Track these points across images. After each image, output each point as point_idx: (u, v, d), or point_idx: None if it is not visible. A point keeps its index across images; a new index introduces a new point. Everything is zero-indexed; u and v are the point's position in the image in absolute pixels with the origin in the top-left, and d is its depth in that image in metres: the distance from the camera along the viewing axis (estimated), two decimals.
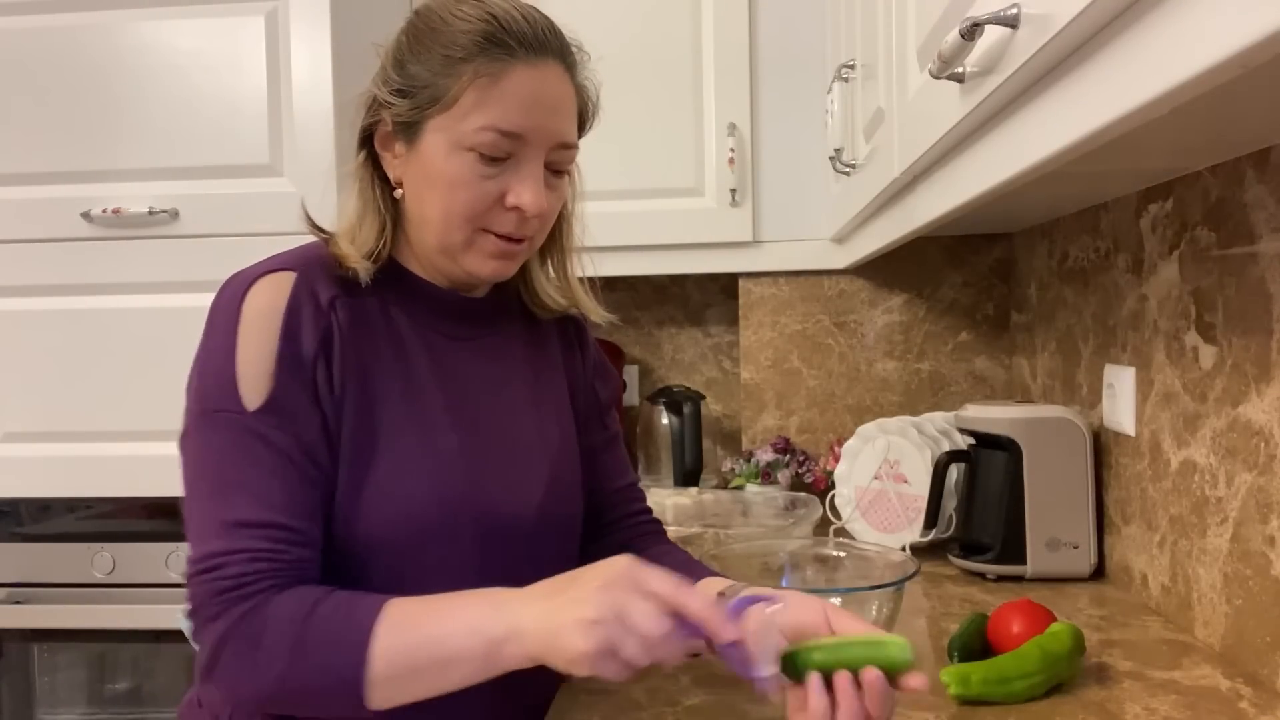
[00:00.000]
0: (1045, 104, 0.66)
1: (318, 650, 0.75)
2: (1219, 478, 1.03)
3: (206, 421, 0.81)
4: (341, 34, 1.62)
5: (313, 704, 0.77)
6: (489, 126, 0.83)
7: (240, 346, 0.81)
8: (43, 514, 1.70)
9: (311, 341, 0.83)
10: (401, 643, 0.74)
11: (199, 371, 0.83)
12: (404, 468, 0.86)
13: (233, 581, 0.76)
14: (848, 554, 1.12)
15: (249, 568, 0.77)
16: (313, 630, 0.75)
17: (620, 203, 1.82)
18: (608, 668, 0.69)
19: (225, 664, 0.76)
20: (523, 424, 0.97)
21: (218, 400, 0.81)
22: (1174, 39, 0.48)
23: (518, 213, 0.87)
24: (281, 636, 0.75)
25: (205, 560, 0.78)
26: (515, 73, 0.84)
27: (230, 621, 0.76)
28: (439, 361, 0.92)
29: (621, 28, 1.84)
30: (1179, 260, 1.12)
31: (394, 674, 0.74)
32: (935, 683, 0.96)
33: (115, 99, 1.63)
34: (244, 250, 1.62)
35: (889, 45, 1.10)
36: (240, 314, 0.82)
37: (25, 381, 1.67)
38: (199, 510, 0.80)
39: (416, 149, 0.86)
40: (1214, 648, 1.05)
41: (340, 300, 0.86)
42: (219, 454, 0.80)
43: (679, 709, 0.94)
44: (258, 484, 0.79)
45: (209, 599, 0.77)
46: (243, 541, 0.77)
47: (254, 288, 0.83)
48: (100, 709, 1.73)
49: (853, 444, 1.64)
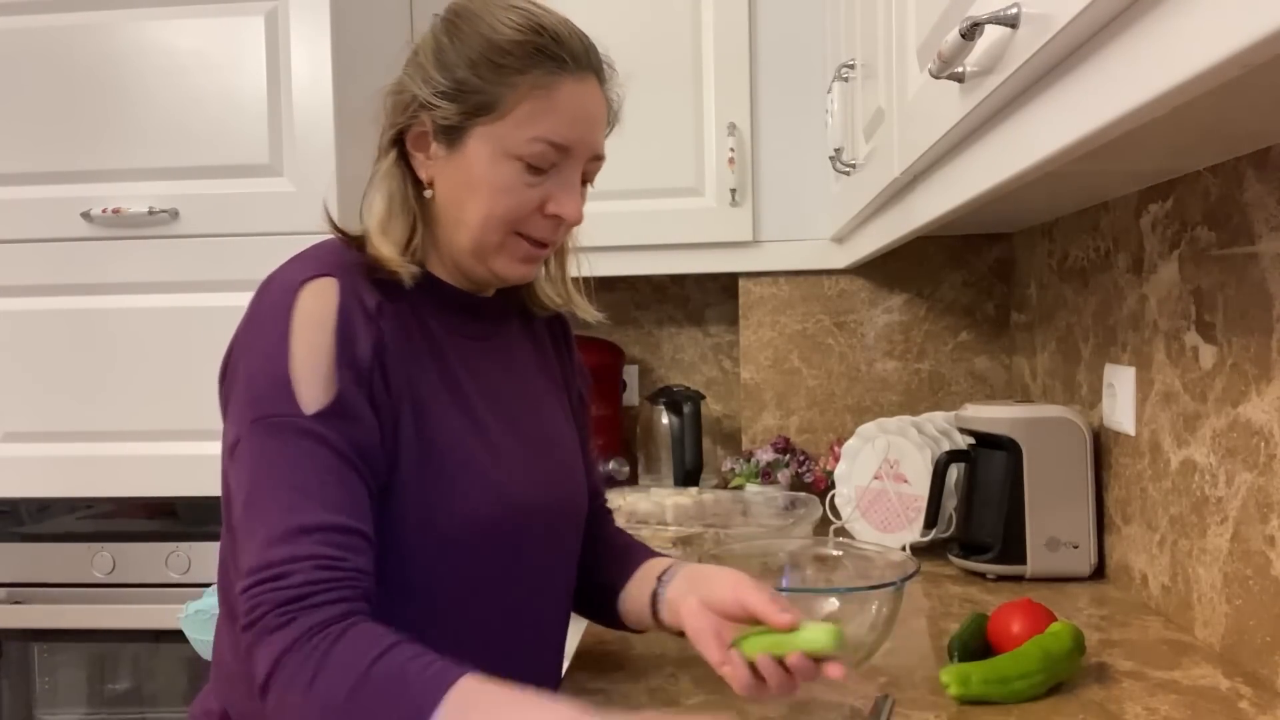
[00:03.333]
0: (1045, 104, 0.66)
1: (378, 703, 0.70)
2: (1219, 478, 1.03)
3: (262, 427, 0.79)
4: (341, 34, 1.62)
5: None
6: (541, 138, 0.85)
7: (294, 350, 0.79)
8: (43, 514, 1.70)
9: (366, 350, 0.82)
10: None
11: (248, 377, 0.81)
12: (466, 468, 0.87)
13: (298, 591, 0.74)
14: (848, 554, 1.12)
15: (314, 575, 0.74)
16: (378, 679, 0.71)
17: (620, 202, 1.82)
18: None
19: (282, 679, 0.72)
20: (546, 419, 1.00)
21: (274, 405, 0.79)
22: (1174, 39, 0.48)
23: (555, 220, 0.89)
24: (348, 668, 0.71)
25: (268, 568, 0.75)
26: (566, 87, 0.86)
27: (296, 634, 0.73)
28: (467, 363, 0.92)
29: (622, 28, 1.84)
30: (1179, 260, 1.12)
31: None
32: (935, 683, 0.96)
33: (115, 99, 1.63)
34: (244, 250, 1.65)
35: (889, 45, 1.10)
36: (292, 318, 0.80)
37: (25, 381, 1.67)
38: (259, 517, 0.77)
39: (459, 153, 0.87)
40: (1214, 648, 1.05)
41: (384, 307, 0.85)
42: (278, 459, 0.78)
43: (679, 709, 0.94)
44: (319, 487, 0.77)
45: (273, 609, 0.73)
46: (307, 548, 0.75)
47: (304, 292, 0.82)
48: (100, 709, 1.73)
49: (853, 444, 1.64)
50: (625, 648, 1.12)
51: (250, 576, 0.75)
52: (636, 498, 1.59)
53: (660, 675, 1.03)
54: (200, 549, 1.64)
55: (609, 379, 2.09)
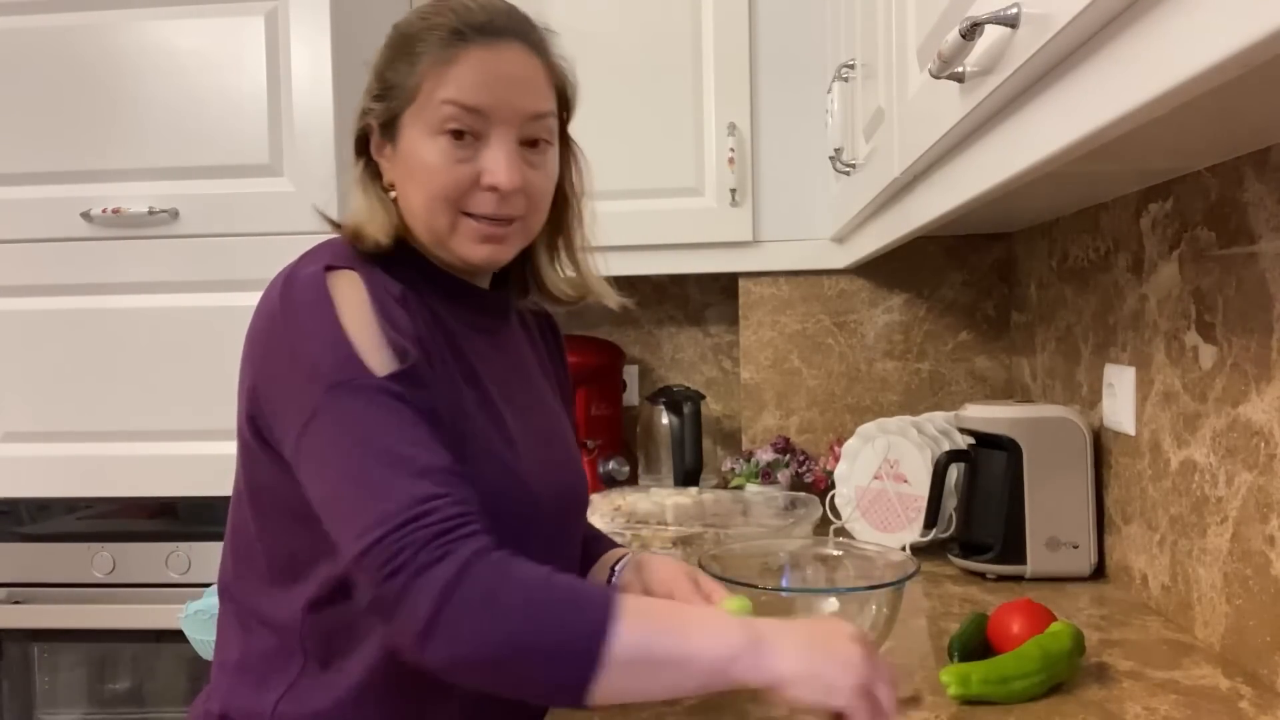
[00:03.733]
0: (1045, 104, 0.66)
1: (565, 611, 0.71)
2: (1219, 477, 1.03)
3: (340, 392, 0.77)
4: (341, 34, 1.62)
5: (532, 675, 0.71)
6: (449, 100, 0.86)
7: (347, 324, 0.80)
8: (43, 514, 1.70)
9: (407, 331, 0.82)
10: (646, 628, 0.71)
11: (309, 358, 0.79)
12: (491, 456, 0.88)
13: (446, 524, 0.72)
14: (848, 554, 1.12)
15: (455, 510, 0.73)
16: (557, 591, 0.72)
17: (620, 202, 1.82)
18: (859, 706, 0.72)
19: (454, 611, 0.70)
20: (549, 413, 1.02)
21: (344, 372, 0.78)
22: (1174, 39, 0.48)
23: (494, 192, 0.88)
24: (523, 589, 0.71)
25: (410, 508, 0.72)
26: (470, 54, 0.87)
27: (459, 564, 0.70)
28: (480, 356, 0.94)
29: (622, 28, 1.84)
30: (1179, 260, 1.12)
31: (635, 657, 0.70)
32: (935, 683, 0.96)
33: (115, 99, 1.63)
34: (244, 250, 1.65)
35: (889, 45, 1.10)
36: (332, 299, 0.81)
37: (25, 381, 1.67)
38: (368, 474, 0.75)
39: (399, 146, 0.90)
40: (1214, 647, 1.05)
41: (407, 295, 0.86)
42: (371, 422, 0.76)
43: (679, 709, 0.94)
44: (419, 436, 0.77)
45: (424, 545, 0.71)
46: (435, 488, 0.74)
47: (332, 279, 0.82)
48: (100, 709, 1.73)
49: (853, 444, 1.64)
50: None
51: (380, 527, 0.72)
52: (636, 498, 1.59)
53: None
54: (200, 549, 1.64)
55: (609, 379, 2.09)
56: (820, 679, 0.72)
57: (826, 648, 0.73)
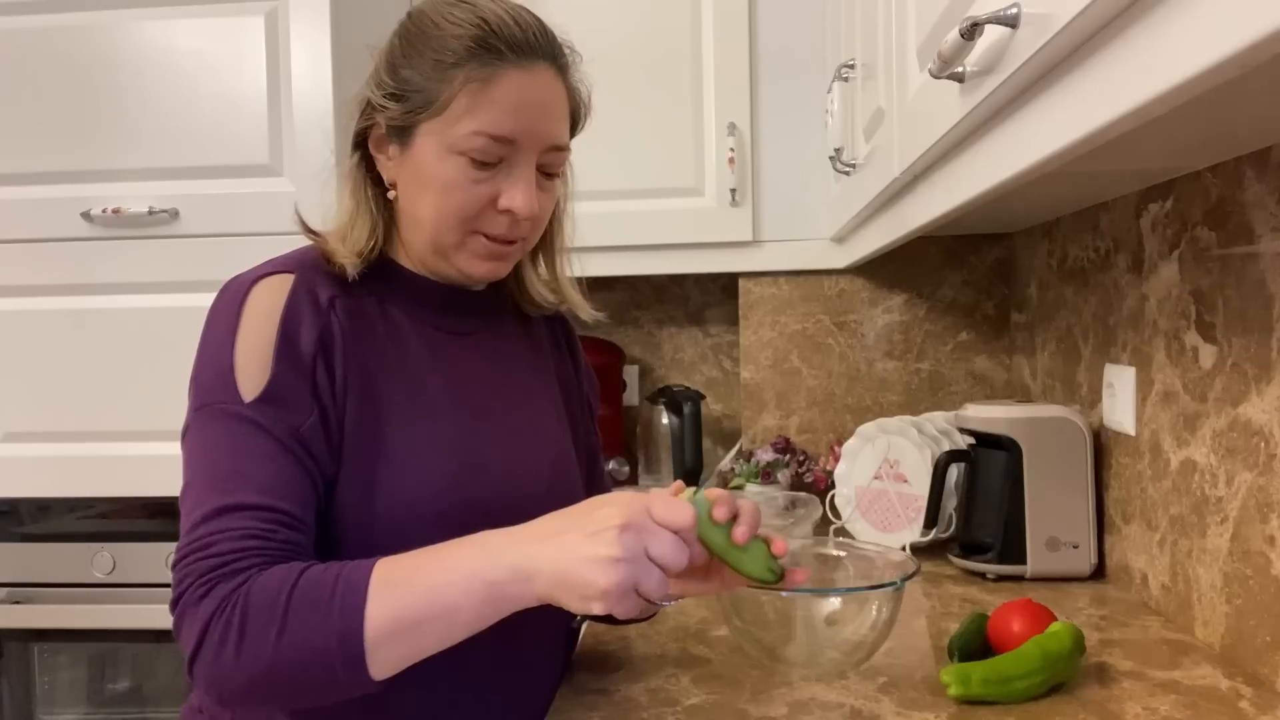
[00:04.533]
0: (1045, 104, 0.66)
1: (309, 616, 0.71)
2: (1219, 477, 1.03)
3: (204, 414, 0.81)
4: (341, 34, 1.61)
5: (306, 685, 0.73)
6: (480, 131, 0.84)
7: (239, 342, 0.82)
8: (43, 514, 1.70)
9: (310, 339, 0.83)
10: (399, 597, 0.72)
11: (198, 370, 0.84)
12: (413, 456, 0.87)
13: (220, 559, 0.74)
14: (848, 554, 1.12)
15: (238, 544, 0.75)
16: (300, 597, 0.72)
17: (620, 203, 1.82)
18: (625, 604, 0.71)
19: (209, 648, 0.72)
20: (524, 413, 0.99)
21: (215, 394, 0.81)
22: (1174, 39, 0.48)
23: (509, 215, 0.88)
24: (269, 608, 0.72)
25: (195, 542, 0.76)
26: (506, 77, 0.85)
27: (216, 601, 0.73)
28: (438, 354, 0.93)
29: (621, 28, 1.84)
30: (1179, 260, 1.12)
31: (396, 630, 0.72)
32: (935, 683, 0.96)
33: (115, 99, 1.63)
34: (244, 250, 1.63)
35: (889, 45, 1.10)
36: (240, 314, 0.83)
37: (25, 381, 1.67)
38: (193, 498, 0.79)
39: (409, 152, 0.88)
40: (1214, 648, 1.05)
41: (339, 300, 0.87)
42: (216, 444, 0.80)
43: (679, 709, 0.94)
44: (253, 470, 0.78)
45: (196, 579, 0.74)
46: (233, 522, 0.76)
47: (253, 290, 0.84)
48: (100, 709, 1.73)
49: (853, 444, 1.64)
50: (625, 647, 1.12)
51: (177, 553, 0.76)
52: None
53: (660, 675, 1.03)
54: None
55: (609, 379, 2.09)
56: (572, 588, 0.71)
57: (579, 550, 0.71)
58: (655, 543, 0.72)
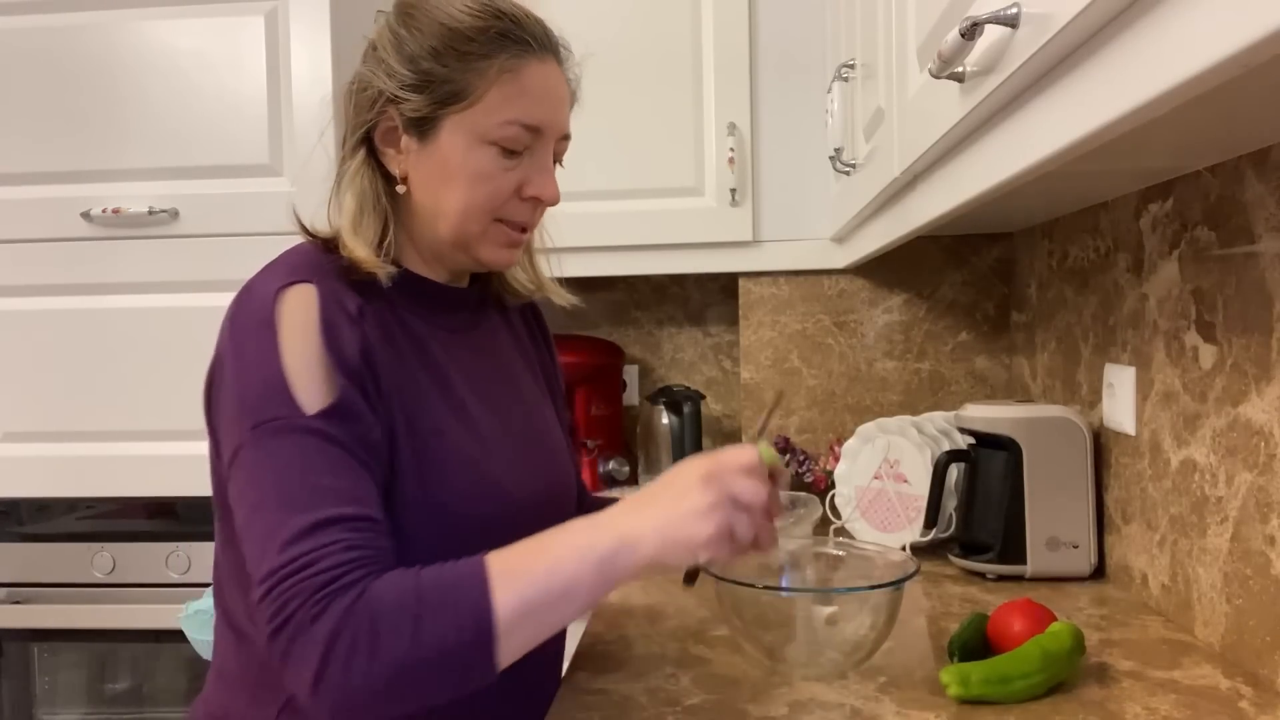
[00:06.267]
0: (1045, 104, 0.66)
1: (440, 614, 0.72)
2: (1219, 477, 1.03)
3: (263, 432, 0.77)
4: (341, 34, 1.62)
5: (437, 683, 0.73)
6: (515, 120, 0.86)
7: (285, 355, 0.79)
8: (43, 514, 1.70)
9: (354, 352, 0.81)
10: (521, 582, 0.74)
11: (240, 387, 0.80)
12: (463, 465, 0.88)
13: (329, 575, 0.72)
14: (848, 554, 1.12)
15: (343, 557, 0.73)
16: (427, 597, 0.72)
17: (620, 202, 1.82)
18: (725, 548, 0.76)
19: (339, 663, 0.70)
20: (532, 410, 1.02)
21: (270, 409, 0.77)
22: (1174, 39, 0.48)
23: (533, 202, 0.91)
24: (398, 612, 0.72)
25: (292, 562, 0.73)
26: (531, 68, 0.87)
27: (338, 616, 0.71)
28: (451, 354, 0.93)
29: (622, 28, 1.84)
30: (1179, 260, 1.12)
31: (524, 612, 0.73)
32: (935, 683, 0.96)
33: (115, 99, 1.63)
34: (244, 250, 1.65)
35: (889, 45, 1.10)
36: (276, 324, 0.80)
37: (25, 381, 1.67)
38: (273, 520, 0.75)
39: (432, 144, 0.87)
40: (1214, 647, 1.05)
41: (365, 309, 0.85)
42: (286, 461, 0.77)
43: (679, 709, 0.94)
44: (335, 482, 0.77)
45: (307, 599, 0.71)
46: (330, 536, 0.74)
47: (282, 300, 0.81)
48: (100, 709, 1.73)
49: (853, 444, 1.64)
50: (625, 647, 1.12)
51: (271, 578, 0.73)
52: None
53: (660, 675, 1.03)
54: (200, 549, 1.64)
55: (609, 379, 2.09)
56: (678, 544, 0.76)
57: (678, 510, 0.76)
58: (736, 485, 0.77)
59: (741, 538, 0.77)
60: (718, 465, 0.78)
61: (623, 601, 1.31)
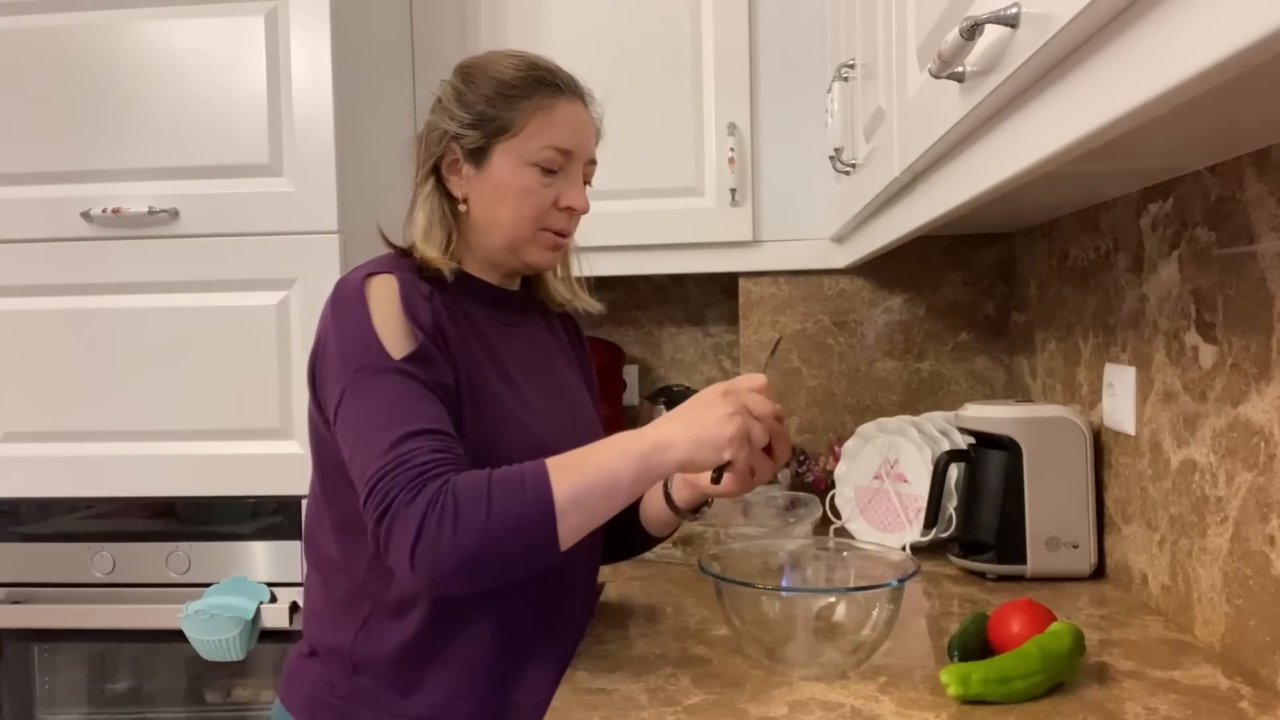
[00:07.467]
0: (1045, 104, 0.66)
1: (508, 497, 0.89)
2: (1219, 477, 1.03)
3: (363, 374, 0.96)
4: (341, 34, 1.61)
5: (509, 556, 0.89)
6: (550, 145, 1.06)
7: (375, 318, 0.98)
8: (43, 514, 1.70)
9: (427, 322, 1.00)
10: (574, 473, 0.91)
11: (341, 345, 0.98)
12: (513, 422, 1.05)
13: (422, 467, 0.90)
14: (848, 553, 1.12)
15: (432, 457, 0.91)
16: (498, 485, 0.89)
17: (620, 202, 1.82)
18: (744, 449, 0.92)
19: (430, 535, 0.87)
20: (573, 394, 1.20)
21: (367, 356, 0.96)
22: (1174, 39, 0.48)
23: (569, 212, 1.10)
24: (474, 496, 0.88)
25: (390, 462, 0.90)
26: (563, 104, 1.08)
27: (429, 497, 0.88)
28: (504, 343, 1.11)
29: (622, 28, 1.84)
30: (1179, 260, 1.12)
31: (577, 497, 0.90)
32: (935, 683, 0.96)
33: (115, 99, 1.63)
34: (244, 250, 1.65)
35: (889, 45, 1.10)
36: (366, 299, 0.99)
37: (25, 381, 1.67)
38: (376, 433, 0.92)
39: (486, 169, 1.07)
40: (1214, 647, 1.05)
41: (435, 294, 1.04)
42: (385, 391, 0.95)
43: (679, 709, 0.94)
44: (421, 408, 0.94)
45: (403, 488, 0.89)
46: (420, 442, 0.92)
47: (370, 283, 1.01)
48: (100, 709, 1.73)
49: (853, 444, 1.64)
50: (625, 647, 1.12)
51: (374, 478, 0.90)
52: None
53: (660, 675, 1.03)
54: (200, 549, 1.64)
55: (609, 379, 2.09)
56: (705, 444, 0.92)
57: (703, 418, 0.93)
58: (750, 399, 0.94)
59: (757, 442, 0.93)
60: (733, 384, 0.95)
61: (623, 601, 1.31)
